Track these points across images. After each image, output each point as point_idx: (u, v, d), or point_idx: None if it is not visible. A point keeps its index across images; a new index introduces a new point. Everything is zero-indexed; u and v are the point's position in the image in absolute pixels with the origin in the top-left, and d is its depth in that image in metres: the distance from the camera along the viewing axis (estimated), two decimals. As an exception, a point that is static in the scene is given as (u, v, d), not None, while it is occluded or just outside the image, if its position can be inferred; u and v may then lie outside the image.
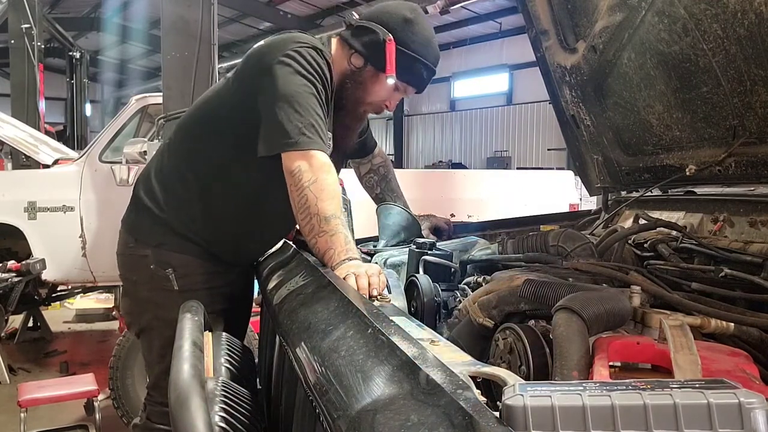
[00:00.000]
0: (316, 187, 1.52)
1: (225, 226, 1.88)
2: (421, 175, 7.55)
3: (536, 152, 18.64)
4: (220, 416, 1.40)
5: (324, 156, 1.58)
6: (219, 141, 1.81)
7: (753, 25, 1.56)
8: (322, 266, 1.52)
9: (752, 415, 0.62)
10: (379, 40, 1.72)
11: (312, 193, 1.51)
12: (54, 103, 16.91)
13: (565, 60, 2.33)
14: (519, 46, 17.06)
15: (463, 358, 0.87)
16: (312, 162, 1.54)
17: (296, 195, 1.55)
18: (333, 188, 1.55)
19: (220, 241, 1.89)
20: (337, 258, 1.48)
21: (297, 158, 1.55)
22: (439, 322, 1.65)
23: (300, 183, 1.53)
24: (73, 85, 12.31)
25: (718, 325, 1.17)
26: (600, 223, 2.39)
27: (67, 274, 4.61)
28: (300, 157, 1.55)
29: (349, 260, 1.47)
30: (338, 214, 1.53)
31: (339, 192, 1.57)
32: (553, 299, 1.14)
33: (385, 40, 1.71)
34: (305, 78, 1.61)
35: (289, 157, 1.57)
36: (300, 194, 1.53)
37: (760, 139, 1.75)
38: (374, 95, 1.81)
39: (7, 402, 3.86)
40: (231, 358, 1.96)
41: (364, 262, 1.49)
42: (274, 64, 1.62)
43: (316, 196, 1.51)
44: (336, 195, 1.54)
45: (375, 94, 1.80)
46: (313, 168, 1.54)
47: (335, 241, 1.49)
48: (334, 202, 1.53)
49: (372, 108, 1.88)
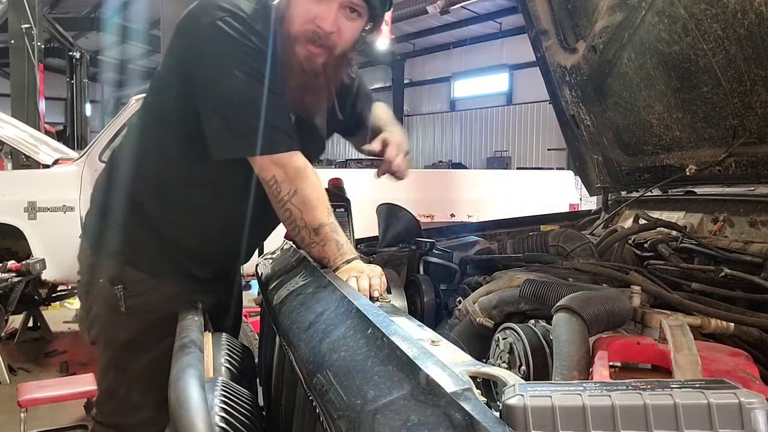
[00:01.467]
0: (298, 200, 1.43)
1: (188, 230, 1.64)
2: (421, 175, 7.55)
3: (536, 152, 18.66)
4: (220, 416, 1.40)
5: (296, 157, 1.43)
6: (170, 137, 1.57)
7: (753, 25, 1.56)
8: (322, 267, 1.52)
9: (752, 415, 0.62)
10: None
11: (295, 206, 1.44)
12: (54, 103, 16.93)
13: (565, 60, 2.33)
14: (519, 46, 17.09)
15: (463, 358, 0.87)
16: (287, 170, 1.42)
17: (279, 208, 1.46)
18: (315, 196, 1.45)
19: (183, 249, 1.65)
20: (333, 265, 1.46)
21: (268, 166, 1.42)
22: (439, 323, 1.65)
23: (279, 197, 1.43)
24: (73, 85, 12.33)
25: (718, 325, 1.17)
26: (600, 223, 2.39)
27: (67, 274, 4.61)
28: (271, 165, 1.41)
29: (347, 263, 1.45)
30: (326, 221, 1.45)
31: (323, 196, 1.48)
32: (553, 299, 1.14)
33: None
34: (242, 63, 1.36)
35: (260, 166, 1.43)
36: (283, 208, 1.45)
37: (760, 139, 1.75)
38: (297, 19, 1.42)
39: (7, 402, 3.86)
40: (231, 358, 1.97)
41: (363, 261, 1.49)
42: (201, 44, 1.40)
43: (300, 209, 1.44)
44: (320, 201, 1.46)
45: (296, 17, 1.42)
46: (290, 177, 1.42)
47: (327, 250, 1.46)
48: (319, 210, 1.45)
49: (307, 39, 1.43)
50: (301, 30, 1.42)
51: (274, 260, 2.17)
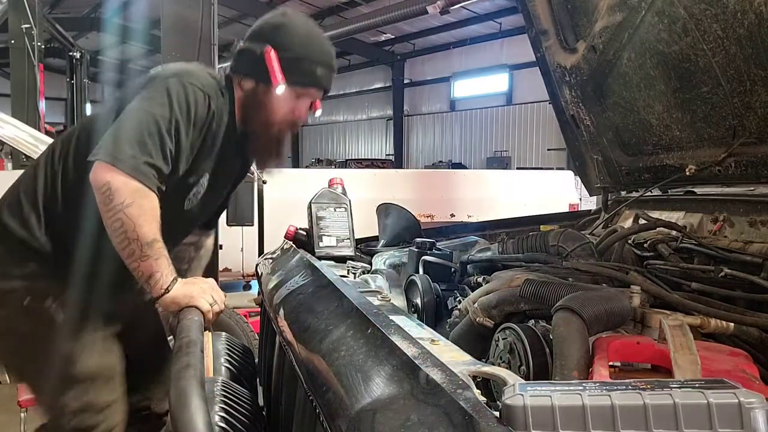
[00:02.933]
0: (134, 211, 1.41)
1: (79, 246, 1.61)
2: (421, 175, 7.54)
3: (536, 152, 18.65)
4: (220, 416, 1.40)
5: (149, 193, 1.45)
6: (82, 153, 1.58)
7: (753, 25, 1.56)
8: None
9: (752, 414, 0.62)
10: (257, 54, 1.66)
11: (128, 217, 1.41)
12: (54, 103, 16.92)
13: (565, 60, 2.33)
14: (519, 46, 17.07)
15: (463, 358, 0.87)
16: (129, 185, 1.41)
17: (109, 215, 1.42)
18: (153, 213, 1.45)
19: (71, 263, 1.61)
20: (166, 279, 1.46)
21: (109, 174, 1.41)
22: (439, 323, 1.65)
23: (111, 204, 1.41)
24: (74, 85, 12.30)
25: (718, 325, 1.17)
26: (600, 223, 2.39)
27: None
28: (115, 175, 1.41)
29: (175, 281, 1.48)
30: (159, 238, 1.45)
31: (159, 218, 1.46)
32: (553, 299, 1.14)
33: (263, 52, 1.64)
34: (173, 112, 1.51)
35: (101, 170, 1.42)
36: (113, 216, 1.42)
37: (760, 139, 1.75)
38: (277, 111, 1.71)
39: (7, 402, 3.86)
40: (231, 358, 1.97)
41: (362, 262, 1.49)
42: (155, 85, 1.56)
43: (134, 221, 1.41)
44: (156, 219, 1.45)
45: (277, 109, 1.71)
46: (129, 190, 1.41)
47: (161, 264, 1.45)
48: (156, 227, 1.44)
49: (285, 125, 1.75)
50: (282, 119, 1.73)
51: (274, 260, 2.17)
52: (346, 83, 24.77)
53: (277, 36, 1.68)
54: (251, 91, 1.70)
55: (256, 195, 4.40)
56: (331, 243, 2.09)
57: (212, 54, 3.90)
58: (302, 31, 1.72)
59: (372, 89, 24.34)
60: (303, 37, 1.71)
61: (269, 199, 5.03)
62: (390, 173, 8.24)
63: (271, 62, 1.64)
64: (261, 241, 5.07)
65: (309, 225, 2.16)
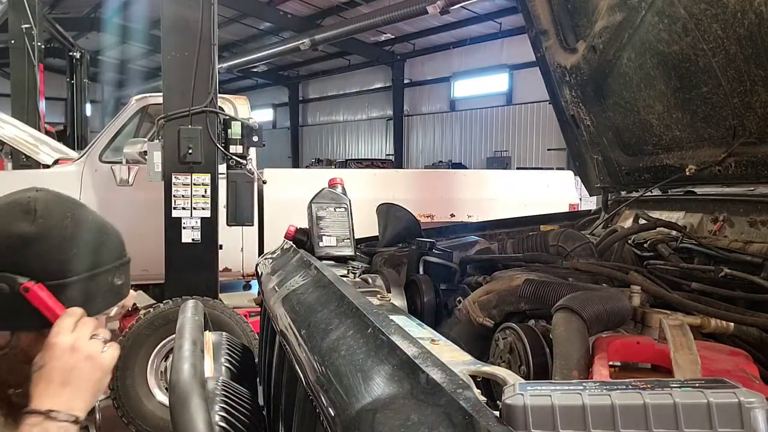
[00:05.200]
0: None
1: None
2: (421, 175, 7.53)
3: (536, 152, 18.64)
4: (220, 416, 1.40)
5: None
6: None
7: (753, 25, 1.56)
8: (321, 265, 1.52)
9: (752, 414, 0.62)
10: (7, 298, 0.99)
11: None
12: (54, 103, 16.91)
13: (565, 60, 2.33)
14: (519, 46, 17.07)
15: (463, 358, 0.87)
16: None
17: None
18: None
19: None
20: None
21: None
22: (439, 322, 1.65)
23: None
24: (73, 85, 12.30)
25: (718, 325, 1.17)
26: (600, 223, 2.39)
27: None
28: None
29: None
30: None
31: None
32: (553, 299, 1.14)
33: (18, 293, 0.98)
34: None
35: None
36: None
37: (760, 139, 1.75)
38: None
39: None
40: (231, 358, 1.97)
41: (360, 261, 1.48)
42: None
43: None
44: None
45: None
46: None
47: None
48: None
49: None
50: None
51: (274, 260, 2.17)
52: (346, 83, 24.77)
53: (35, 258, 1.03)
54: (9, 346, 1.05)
55: (256, 195, 4.41)
56: (331, 243, 2.09)
57: (212, 54, 3.90)
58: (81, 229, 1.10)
59: (372, 89, 24.33)
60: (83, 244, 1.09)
61: (269, 199, 5.04)
62: (390, 173, 8.24)
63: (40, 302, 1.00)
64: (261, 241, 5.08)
65: (309, 225, 2.15)
